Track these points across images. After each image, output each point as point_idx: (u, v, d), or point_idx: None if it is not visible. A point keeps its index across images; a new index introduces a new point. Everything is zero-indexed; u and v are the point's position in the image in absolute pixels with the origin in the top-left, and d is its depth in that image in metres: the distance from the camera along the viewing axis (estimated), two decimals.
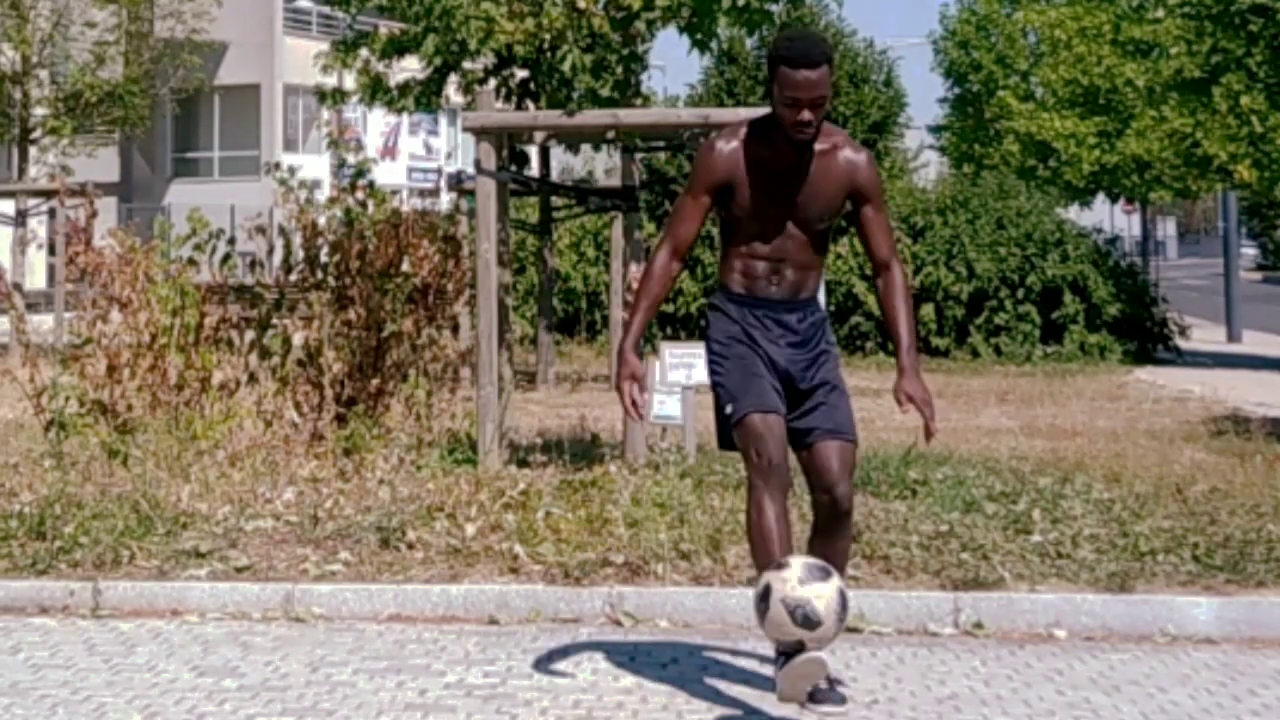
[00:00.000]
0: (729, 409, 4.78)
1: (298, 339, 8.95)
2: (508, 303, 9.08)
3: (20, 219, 19.66)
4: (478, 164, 8.57)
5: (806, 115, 4.67)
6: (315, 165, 28.98)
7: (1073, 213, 34.57)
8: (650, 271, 4.91)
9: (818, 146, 4.79)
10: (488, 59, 14.15)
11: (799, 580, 4.37)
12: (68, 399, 8.59)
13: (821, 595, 4.35)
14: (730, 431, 4.80)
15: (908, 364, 4.80)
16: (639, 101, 13.48)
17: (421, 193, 14.11)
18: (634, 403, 4.79)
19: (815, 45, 4.71)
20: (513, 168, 12.56)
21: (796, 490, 5.68)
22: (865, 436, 10.08)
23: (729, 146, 4.83)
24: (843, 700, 4.68)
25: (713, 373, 4.90)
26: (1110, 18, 32.45)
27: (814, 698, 4.64)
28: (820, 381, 4.84)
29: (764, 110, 4.97)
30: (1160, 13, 24.02)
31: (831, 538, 4.81)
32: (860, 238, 5.02)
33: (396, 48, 14.87)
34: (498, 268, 8.49)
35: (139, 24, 31.24)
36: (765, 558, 4.60)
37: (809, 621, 4.34)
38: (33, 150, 28.97)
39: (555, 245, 18.69)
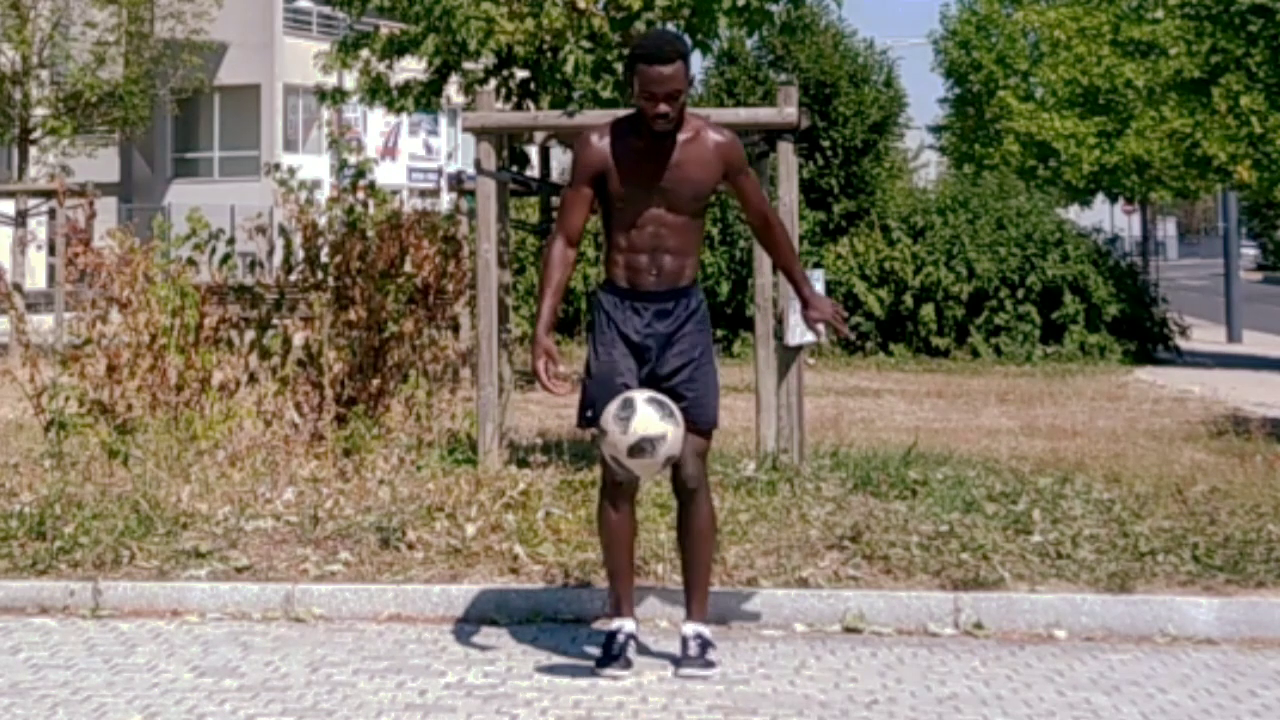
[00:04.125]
0: (588, 412, 5.28)
1: (298, 339, 8.95)
2: (508, 303, 9.08)
3: (20, 219, 19.66)
4: (478, 164, 8.57)
5: (663, 108, 5.12)
6: (315, 165, 28.97)
7: (1073, 213, 34.60)
8: (550, 261, 5.34)
9: (682, 135, 5.24)
10: (488, 59, 14.14)
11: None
12: (68, 399, 8.58)
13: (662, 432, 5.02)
14: (588, 417, 5.30)
15: (808, 294, 5.47)
16: None
17: (422, 193, 14.12)
18: (550, 377, 5.25)
19: (668, 43, 5.22)
20: (513, 168, 12.56)
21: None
22: (865, 436, 10.17)
23: (602, 139, 5.28)
24: (709, 665, 5.23)
25: (587, 364, 5.39)
26: (1110, 18, 32.46)
27: (680, 664, 5.23)
28: (688, 374, 5.30)
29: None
30: (1160, 13, 24.03)
31: (688, 511, 5.36)
32: (741, 204, 5.52)
33: (397, 48, 14.86)
34: (498, 268, 8.48)
35: (139, 24, 31.25)
36: (609, 555, 5.34)
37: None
38: (33, 150, 28.99)
39: None
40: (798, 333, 8.13)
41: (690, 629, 5.35)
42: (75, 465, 7.98)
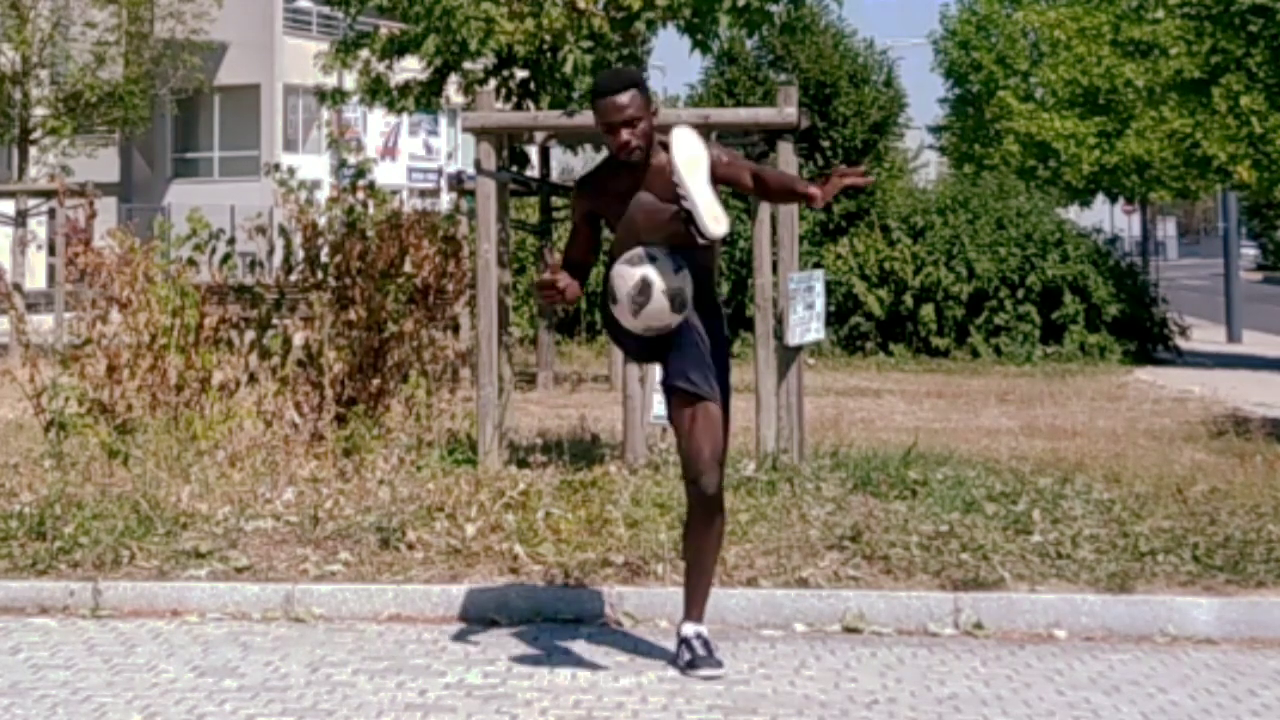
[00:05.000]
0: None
1: (298, 339, 8.95)
2: (508, 303, 9.08)
3: (20, 219, 19.66)
4: (478, 164, 8.58)
5: (624, 135, 5.13)
6: (315, 165, 28.97)
7: (1073, 213, 34.59)
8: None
9: (654, 165, 5.18)
10: (488, 59, 14.16)
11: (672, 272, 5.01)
12: (68, 399, 8.59)
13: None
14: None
15: (813, 190, 5.04)
16: None
17: (422, 193, 14.12)
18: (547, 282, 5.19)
19: (617, 75, 5.34)
20: (513, 168, 12.56)
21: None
22: (865, 436, 10.17)
23: (590, 182, 5.39)
24: (720, 664, 5.24)
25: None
26: (1110, 18, 32.43)
27: (692, 664, 5.22)
28: (697, 348, 5.20)
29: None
30: (1160, 13, 24.00)
31: (701, 519, 5.24)
32: (759, 195, 5.70)
33: (397, 48, 14.87)
34: (498, 268, 8.49)
35: (139, 24, 31.24)
36: None
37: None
38: (33, 150, 28.98)
39: (555, 245, 18.67)
40: (798, 333, 8.13)
41: (691, 629, 5.36)
42: (75, 465, 7.98)
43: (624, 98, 5.13)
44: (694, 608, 5.40)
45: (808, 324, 8.17)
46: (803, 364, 8.39)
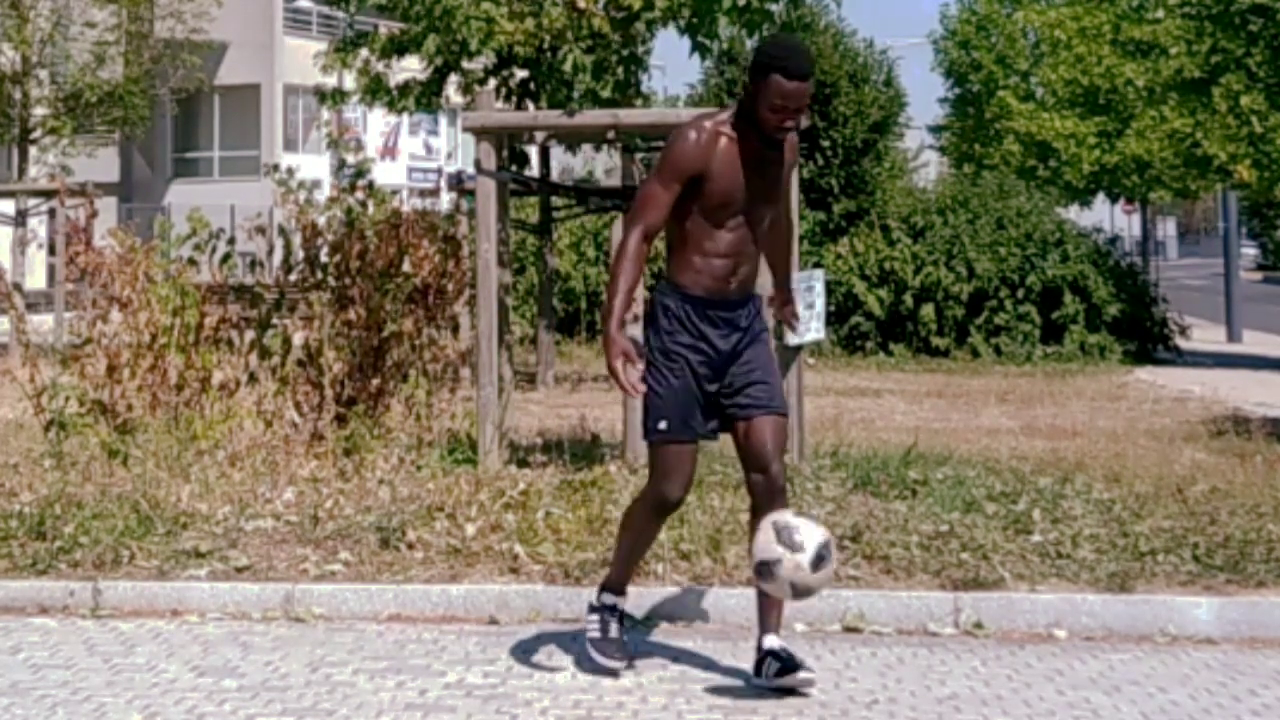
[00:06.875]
0: (661, 425, 5.04)
1: (298, 339, 8.95)
2: (508, 303, 9.08)
3: (20, 219, 19.66)
4: (478, 164, 8.57)
5: (792, 122, 4.96)
6: (315, 165, 28.98)
7: (1073, 213, 34.58)
8: (625, 254, 5.01)
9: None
10: (488, 59, 14.15)
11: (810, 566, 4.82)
12: (68, 399, 8.59)
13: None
14: (660, 430, 5.05)
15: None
16: (639, 102, 13.50)
17: (421, 193, 14.10)
18: (632, 381, 4.92)
19: (808, 56, 5.02)
20: (513, 168, 12.56)
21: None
22: (865, 436, 10.17)
23: (703, 137, 5.00)
24: (812, 671, 5.07)
25: (651, 375, 5.04)
26: (1110, 18, 32.44)
27: (784, 671, 5.02)
28: (756, 364, 5.09)
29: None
30: (1160, 13, 24.05)
31: (769, 514, 5.02)
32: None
33: (396, 48, 14.87)
34: (498, 268, 8.48)
35: (139, 24, 31.27)
36: (635, 553, 5.32)
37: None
38: (33, 150, 29.00)
39: (555, 245, 18.68)
40: (798, 332, 8.13)
41: (777, 642, 5.11)
42: (75, 465, 7.98)
43: (809, 84, 4.95)
44: (771, 618, 5.14)
45: (808, 324, 8.17)
46: (803, 364, 8.39)
